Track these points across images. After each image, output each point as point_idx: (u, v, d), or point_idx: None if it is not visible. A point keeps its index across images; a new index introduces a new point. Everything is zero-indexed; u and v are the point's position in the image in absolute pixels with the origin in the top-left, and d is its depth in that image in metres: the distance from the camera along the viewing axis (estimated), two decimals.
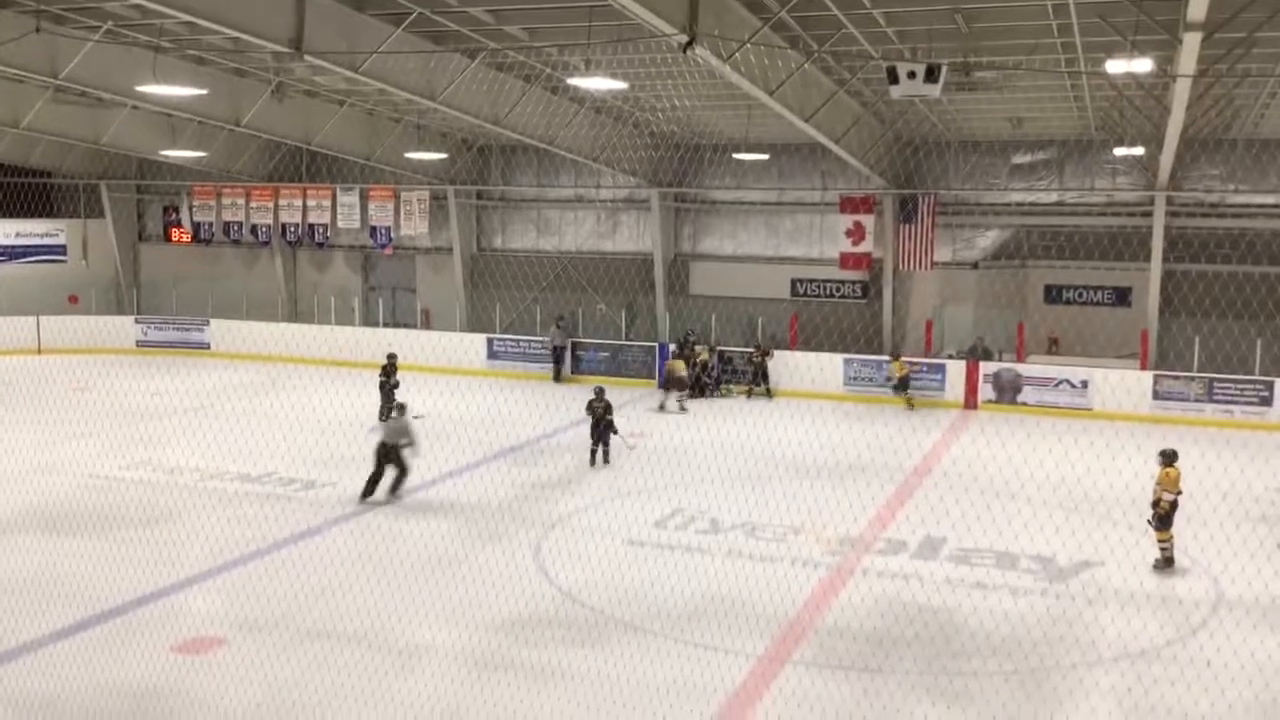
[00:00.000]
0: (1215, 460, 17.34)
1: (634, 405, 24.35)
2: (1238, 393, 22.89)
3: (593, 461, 18.28)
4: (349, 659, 10.16)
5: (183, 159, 28.25)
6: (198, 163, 29.01)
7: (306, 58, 15.59)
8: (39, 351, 30.27)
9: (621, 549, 13.58)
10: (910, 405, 24.34)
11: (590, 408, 18.52)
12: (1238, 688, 9.65)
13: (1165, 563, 13.18)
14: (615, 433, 18.39)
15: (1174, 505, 13.06)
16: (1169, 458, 13.25)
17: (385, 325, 30.93)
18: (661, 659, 10.24)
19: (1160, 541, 13.22)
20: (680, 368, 24.50)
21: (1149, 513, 13.35)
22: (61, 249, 33.54)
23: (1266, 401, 22.64)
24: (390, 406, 21.43)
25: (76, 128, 25.82)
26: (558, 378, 27.53)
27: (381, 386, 21.48)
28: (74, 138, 26.80)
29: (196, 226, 32.88)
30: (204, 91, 20.32)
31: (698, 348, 26.21)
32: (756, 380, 25.84)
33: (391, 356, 21.76)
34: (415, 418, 20.98)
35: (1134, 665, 10.31)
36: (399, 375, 21.65)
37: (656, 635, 10.89)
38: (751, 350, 26.19)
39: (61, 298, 32.08)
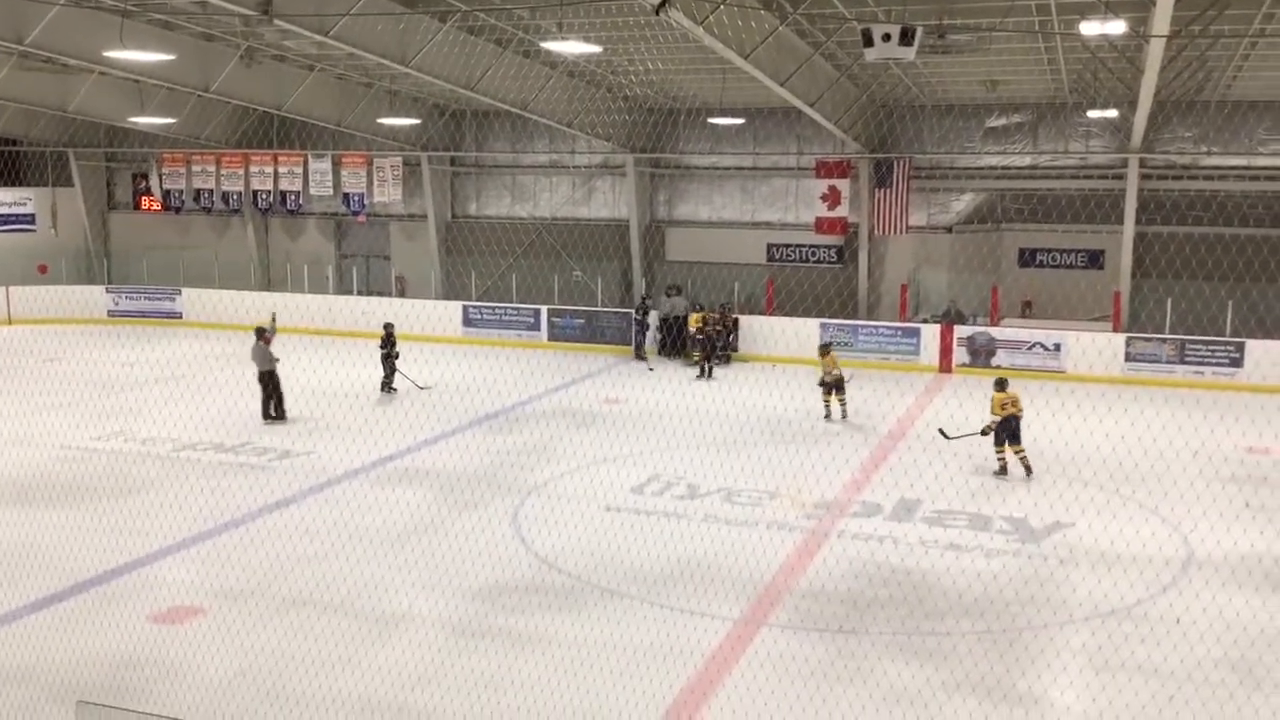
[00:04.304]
0: (1186, 420, 17.57)
1: (609, 371, 24.40)
2: (1209, 354, 23.11)
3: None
4: (327, 627, 10.18)
5: (151, 126, 27.88)
6: (167, 129, 28.65)
7: (276, 21, 15.40)
8: (9, 322, 29.97)
9: (599, 515, 13.63)
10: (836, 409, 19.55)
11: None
12: (1207, 645, 9.80)
13: (999, 473, 15.49)
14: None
15: (1000, 425, 15.27)
16: (995, 384, 15.77)
17: (359, 293, 30.73)
18: (639, 623, 10.32)
19: (998, 452, 15.51)
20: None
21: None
22: (30, 218, 33.11)
23: (1237, 362, 22.86)
24: (392, 377, 21.30)
25: (43, 95, 25.43)
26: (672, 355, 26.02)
27: (384, 359, 21.23)
28: (40, 105, 26.40)
29: (166, 194, 32.51)
30: (172, 57, 20.04)
31: (652, 313, 26.26)
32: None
33: (388, 326, 21.46)
34: (423, 388, 20.97)
35: (1105, 624, 10.46)
36: (398, 345, 21.39)
37: (634, 600, 10.96)
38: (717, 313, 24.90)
39: (31, 267, 31.68)
